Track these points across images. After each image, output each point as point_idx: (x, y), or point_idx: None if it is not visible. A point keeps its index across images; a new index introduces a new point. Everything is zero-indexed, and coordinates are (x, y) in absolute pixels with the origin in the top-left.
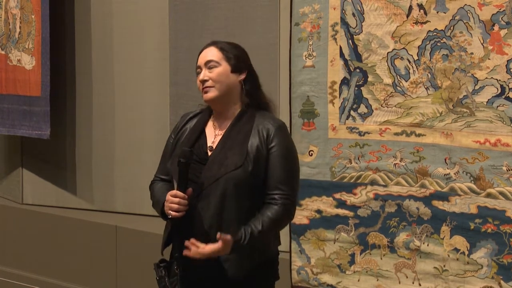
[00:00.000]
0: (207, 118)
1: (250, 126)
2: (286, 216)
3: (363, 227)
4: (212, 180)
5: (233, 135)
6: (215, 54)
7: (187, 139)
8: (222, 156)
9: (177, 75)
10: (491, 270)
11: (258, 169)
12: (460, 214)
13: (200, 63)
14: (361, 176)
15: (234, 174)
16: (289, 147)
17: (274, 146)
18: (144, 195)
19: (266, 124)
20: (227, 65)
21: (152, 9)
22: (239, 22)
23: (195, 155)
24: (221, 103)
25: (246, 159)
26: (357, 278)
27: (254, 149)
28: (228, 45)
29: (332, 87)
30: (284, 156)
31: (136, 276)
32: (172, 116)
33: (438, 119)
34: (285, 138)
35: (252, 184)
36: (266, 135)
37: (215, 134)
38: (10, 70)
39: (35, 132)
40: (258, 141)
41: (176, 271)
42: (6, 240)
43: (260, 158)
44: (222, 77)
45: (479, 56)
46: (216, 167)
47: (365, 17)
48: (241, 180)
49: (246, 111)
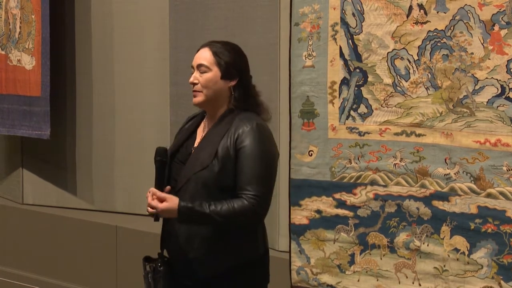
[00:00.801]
0: (202, 119)
1: (227, 128)
2: (249, 214)
3: (363, 227)
4: (184, 180)
5: (210, 136)
6: (207, 58)
7: (177, 139)
8: (196, 157)
9: (177, 75)
10: (491, 270)
11: (225, 169)
12: (460, 214)
13: (193, 64)
14: (361, 176)
15: (201, 174)
16: (260, 147)
17: (243, 147)
18: (144, 195)
19: (242, 125)
20: (217, 70)
21: (152, 9)
22: (239, 22)
23: (180, 155)
24: (209, 107)
25: (214, 159)
26: (357, 278)
27: (223, 149)
28: (223, 49)
29: (332, 87)
30: (253, 157)
31: (136, 276)
32: (172, 116)
33: (438, 119)
34: (258, 138)
35: (221, 185)
36: (237, 135)
37: (202, 135)
38: (10, 70)
39: (35, 132)
40: (228, 142)
41: (159, 268)
42: (6, 240)
43: (228, 159)
44: (210, 83)
45: (479, 56)
46: (190, 167)
47: (365, 17)
48: (207, 180)
49: (229, 113)
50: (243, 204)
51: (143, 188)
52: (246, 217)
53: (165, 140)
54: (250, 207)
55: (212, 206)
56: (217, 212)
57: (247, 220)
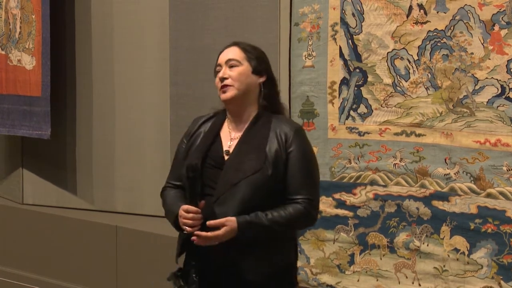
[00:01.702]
0: (222, 121)
1: (267, 130)
2: (305, 219)
3: (362, 227)
4: (229, 185)
5: (249, 140)
6: (237, 53)
7: (202, 143)
8: (238, 161)
9: (177, 75)
10: (491, 270)
11: (277, 173)
12: (460, 214)
13: (221, 61)
14: (360, 176)
15: (253, 178)
16: (308, 150)
17: (293, 150)
18: (144, 195)
19: (284, 127)
20: (248, 65)
21: (152, 9)
22: (239, 22)
23: (211, 159)
24: (238, 104)
25: (265, 163)
26: (357, 278)
27: (273, 153)
28: (251, 47)
29: (331, 87)
30: (303, 160)
31: (136, 276)
32: (172, 116)
33: (438, 119)
34: (304, 142)
35: (272, 189)
36: (285, 139)
37: (230, 138)
38: (10, 70)
39: (36, 132)
40: (277, 145)
41: (195, 279)
42: (6, 240)
43: (279, 162)
44: (242, 77)
45: (479, 56)
46: (233, 172)
47: (365, 17)
48: (260, 184)
49: (262, 115)
50: (299, 209)
51: (143, 188)
52: (302, 222)
53: (165, 140)
54: (305, 211)
55: (269, 215)
56: (276, 221)
57: (303, 224)
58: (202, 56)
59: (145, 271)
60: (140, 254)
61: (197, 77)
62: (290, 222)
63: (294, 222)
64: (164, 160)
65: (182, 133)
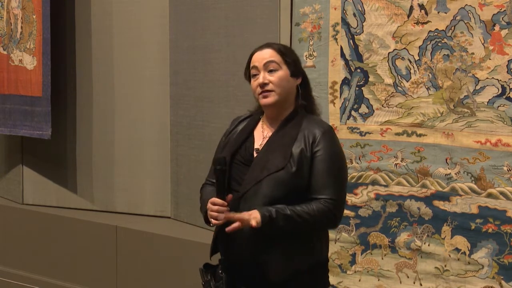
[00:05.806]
0: (257, 120)
1: (297, 131)
2: (327, 218)
3: (364, 227)
4: (254, 182)
5: (277, 139)
6: (275, 56)
7: (235, 140)
8: (265, 159)
9: (177, 75)
10: (492, 270)
11: (302, 171)
12: (461, 214)
13: (258, 64)
14: (362, 176)
15: (277, 175)
16: (336, 151)
17: (319, 150)
18: (144, 195)
19: (313, 128)
20: (286, 69)
21: (152, 9)
22: (239, 22)
23: (241, 156)
24: (278, 107)
25: (289, 161)
26: (358, 278)
27: (298, 152)
28: (285, 48)
29: (333, 87)
30: (330, 161)
31: (136, 276)
32: (172, 116)
33: (439, 119)
34: (332, 142)
35: (295, 186)
36: (312, 139)
37: (263, 137)
38: (12, 70)
39: (37, 132)
40: (303, 145)
41: (221, 275)
42: (6, 240)
43: (304, 161)
44: (283, 82)
45: (480, 56)
46: (258, 169)
47: (366, 17)
48: (284, 182)
49: (295, 115)
50: (321, 207)
51: (143, 188)
52: (324, 221)
53: (165, 140)
54: (327, 210)
55: (290, 207)
56: (297, 213)
57: (325, 223)
58: (202, 56)
59: (145, 271)
60: (140, 254)
61: (197, 77)
62: (311, 218)
63: (316, 219)
64: (164, 160)
65: (182, 133)
